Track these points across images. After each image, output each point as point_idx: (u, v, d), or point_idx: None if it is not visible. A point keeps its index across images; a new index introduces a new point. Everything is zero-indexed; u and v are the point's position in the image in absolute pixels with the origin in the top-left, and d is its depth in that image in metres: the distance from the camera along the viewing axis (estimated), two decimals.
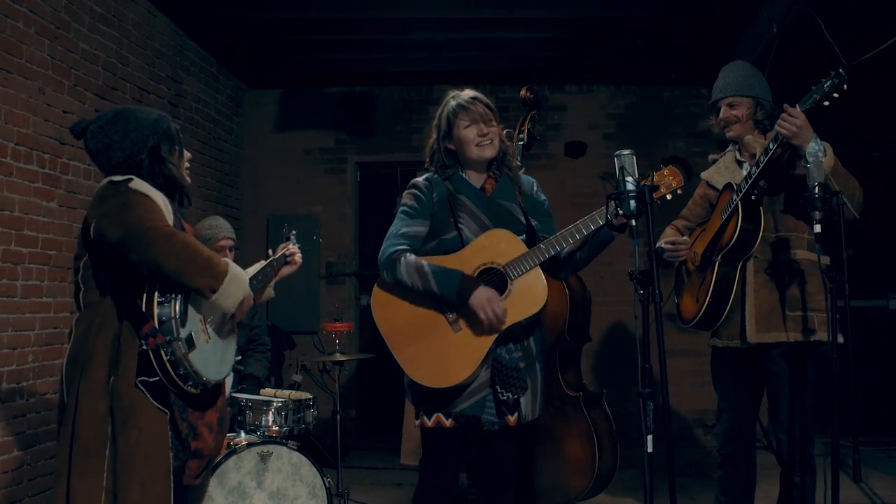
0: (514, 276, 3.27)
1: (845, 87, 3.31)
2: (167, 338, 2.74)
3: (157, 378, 2.78)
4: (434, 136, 3.47)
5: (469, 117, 3.39)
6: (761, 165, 3.53)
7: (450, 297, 3.24)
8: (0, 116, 4.44)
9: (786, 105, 3.46)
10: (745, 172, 3.73)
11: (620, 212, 2.88)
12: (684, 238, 3.91)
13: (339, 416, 4.98)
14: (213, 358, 2.92)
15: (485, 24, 6.64)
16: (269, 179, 8.22)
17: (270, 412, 4.36)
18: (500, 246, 3.32)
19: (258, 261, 3.41)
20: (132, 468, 2.74)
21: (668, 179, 3.08)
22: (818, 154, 3.34)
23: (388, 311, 3.35)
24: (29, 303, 4.69)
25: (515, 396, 3.29)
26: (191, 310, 2.83)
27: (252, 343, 5.21)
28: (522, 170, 3.58)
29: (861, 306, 7.80)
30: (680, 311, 3.96)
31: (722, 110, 3.84)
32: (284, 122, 8.26)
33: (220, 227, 5.01)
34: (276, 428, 4.34)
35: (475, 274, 3.30)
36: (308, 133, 8.21)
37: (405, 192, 3.47)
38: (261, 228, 8.15)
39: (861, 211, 3.62)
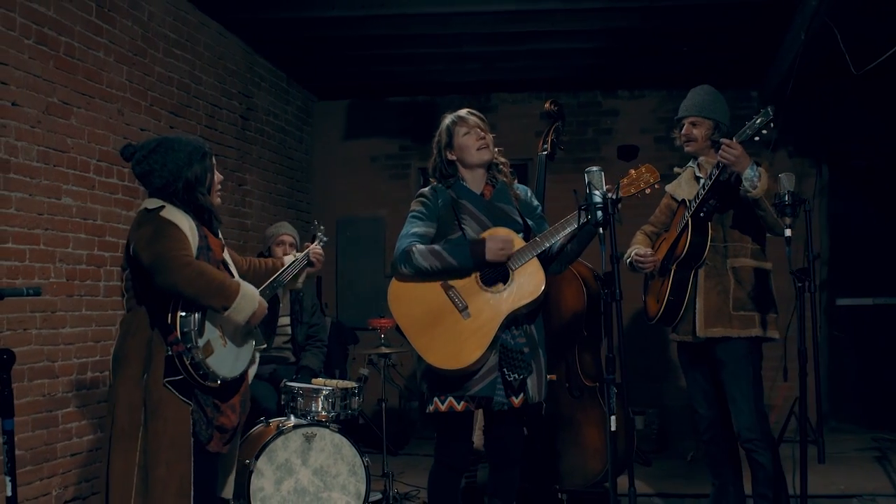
0: (514, 266, 3.68)
1: (772, 124, 3.82)
2: (188, 345, 3.29)
3: (182, 377, 3.33)
4: (435, 152, 3.92)
5: (466, 125, 3.86)
6: (707, 188, 4.01)
7: (466, 263, 3.66)
8: (84, 136, 5.02)
9: (723, 139, 3.96)
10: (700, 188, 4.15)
11: (589, 220, 3.28)
12: (651, 252, 4.33)
13: (384, 405, 5.47)
14: (229, 359, 3.45)
15: (533, 36, 6.99)
16: (337, 185, 8.75)
17: (319, 399, 4.83)
18: None
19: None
20: (159, 450, 3.31)
21: (645, 176, 3.50)
22: (753, 179, 3.80)
23: (404, 304, 3.76)
24: (110, 301, 5.27)
25: (521, 377, 3.69)
26: (208, 323, 3.36)
27: (310, 339, 5.74)
28: (516, 180, 3.99)
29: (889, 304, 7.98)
30: (646, 310, 4.42)
31: (685, 127, 4.30)
32: (352, 130, 8.78)
33: (283, 225, 5.86)
34: (325, 413, 4.80)
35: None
36: (374, 140, 8.71)
37: (413, 200, 3.91)
38: (330, 231, 8.62)
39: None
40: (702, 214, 4.09)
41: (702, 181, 4.14)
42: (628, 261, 4.41)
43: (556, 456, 4.88)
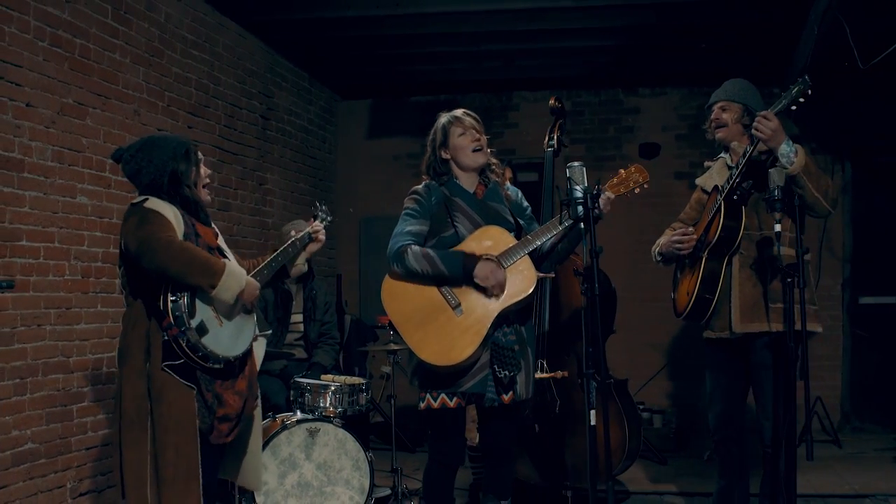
0: (506, 264, 3.72)
1: (809, 91, 3.69)
2: (181, 328, 3.36)
3: (182, 360, 3.41)
4: (429, 149, 3.96)
5: (462, 126, 3.90)
6: (741, 167, 3.87)
7: (456, 275, 3.70)
8: (99, 136, 5.13)
9: (759, 112, 3.80)
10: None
11: (570, 215, 3.30)
12: (690, 229, 4.21)
13: (393, 402, 5.51)
14: (227, 338, 3.50)
15: (551, 34, 7.00)
16: (360, 184, 8.83)
17: (327, 395, 4.89)
18: (493, 239, 3.78)
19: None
20: (166, 434, 3.39)
21: (634, 176, 3.51)
22: (790, 155, 3.69)
23: (398, 300, 3.83)
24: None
25: (511, 374, 3.72)
26: (200, 303, 3.42)
27: (322, 336, 5.82)
28: (508, 178, 4.01)
29: None
30: (675, 305, 4.29)
31: (714, 112, 4.20)
32: (375, 129, 8.85)
33: (299, 223, 5.82)
34: (332, 409, 4.86)
35: None
36: (397, 140, 8.77)
37: (407, 197, 3.96)
38: (353, 230, 8.77)
39: (834, 205, 3.94)
40: (735, 197, 3.93)
41: (735, 168, 4.00)
42: (657, 251, 4.32)
43: (567, 453, 4.88)
